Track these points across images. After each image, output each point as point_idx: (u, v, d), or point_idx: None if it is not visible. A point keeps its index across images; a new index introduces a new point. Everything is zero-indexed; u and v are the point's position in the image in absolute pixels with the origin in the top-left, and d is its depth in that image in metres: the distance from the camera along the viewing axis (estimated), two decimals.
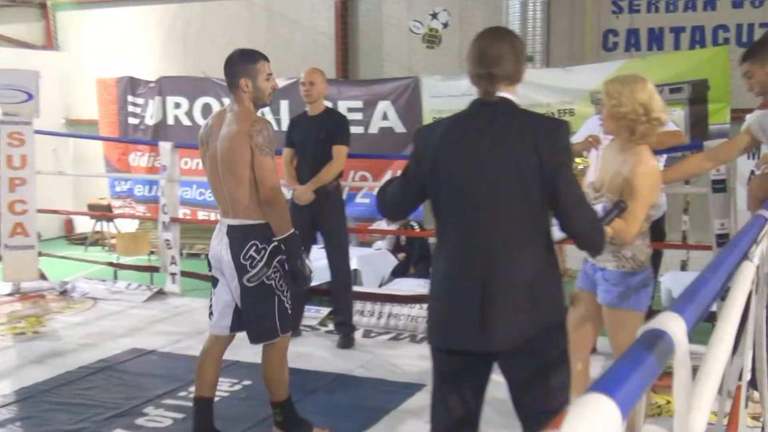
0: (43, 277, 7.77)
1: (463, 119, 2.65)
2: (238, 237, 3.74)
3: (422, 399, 4.43)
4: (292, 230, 3.74)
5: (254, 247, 3.72)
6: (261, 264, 3.72)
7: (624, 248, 3.32)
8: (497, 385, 2.78)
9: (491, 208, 2.54)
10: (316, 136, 5.60)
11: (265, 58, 3.82)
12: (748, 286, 2.06)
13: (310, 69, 5.78)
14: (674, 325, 1.25)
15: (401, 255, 9.08)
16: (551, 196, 2.52)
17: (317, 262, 5.50)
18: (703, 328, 1.57)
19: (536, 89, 8.94)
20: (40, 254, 7.62)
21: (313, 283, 5.37)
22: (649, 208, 3.30)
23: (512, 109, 2.60)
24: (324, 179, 5.57)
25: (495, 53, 2.58)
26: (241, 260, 3.71)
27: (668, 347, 1.21)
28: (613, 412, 0.93)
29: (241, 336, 6.03)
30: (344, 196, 6.49)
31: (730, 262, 1.95)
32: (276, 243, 3.73)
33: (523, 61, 2.66)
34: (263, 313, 3.78)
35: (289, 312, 3.86)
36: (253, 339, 3.90)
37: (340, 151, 5.58)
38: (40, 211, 7.65)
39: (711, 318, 3.26)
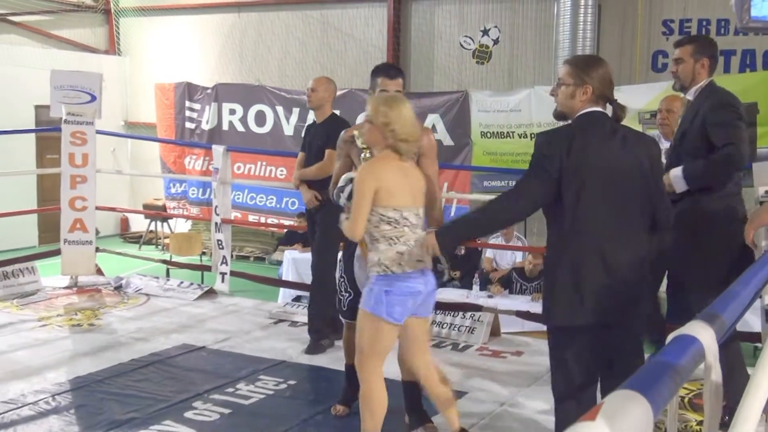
0: (99, 272, 7.90)
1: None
2: None
3: (465, 406, 4.34)
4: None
5: None
6: None
7: (371, 253, 3.59)
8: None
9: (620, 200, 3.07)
10: (317, 143, 5.68)
11: (384, 74, 4.24)
12: None
13: (317, 77, 5.92)
14: (704, 332, 1.31)
15: (456, 273, 8.92)
16: None
17: None
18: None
19: None
20: (97, 250, 7.77)
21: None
22: (367, 209, 3.52)
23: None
24: (306, 174, 5.70)
25: None
26: None
27: (698, 352, 1.25)
28: (645, 408, 0.99)
29: (291, 337, 6.02)
30: None
31: (762, 277, 2.00)
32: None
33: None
34: None
35: (338, 299, 4.27)
36: None
37: (329, 155, 5.54)
38: (98, 208, 7.78)
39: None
